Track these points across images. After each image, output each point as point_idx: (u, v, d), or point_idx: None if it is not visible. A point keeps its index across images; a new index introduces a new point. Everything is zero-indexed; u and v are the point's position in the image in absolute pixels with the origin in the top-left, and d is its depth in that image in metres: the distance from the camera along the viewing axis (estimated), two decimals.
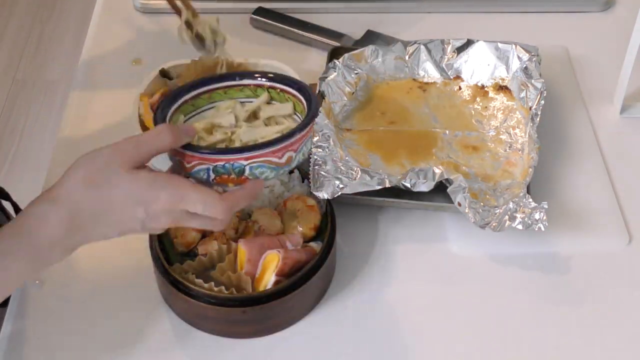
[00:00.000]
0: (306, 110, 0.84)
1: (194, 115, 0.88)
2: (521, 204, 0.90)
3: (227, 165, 0.78)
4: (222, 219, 0.77)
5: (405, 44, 1.11)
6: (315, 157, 0.95)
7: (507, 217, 0.90)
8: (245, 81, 0.89)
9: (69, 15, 2.78)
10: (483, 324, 0.90)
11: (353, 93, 1.07)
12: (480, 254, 0.96)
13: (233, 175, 0.79)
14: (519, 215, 0.90)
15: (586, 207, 1.00)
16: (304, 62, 1.16)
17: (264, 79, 0.89)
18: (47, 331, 0.88)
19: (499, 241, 0.95)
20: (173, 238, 0.90)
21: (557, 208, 0.98)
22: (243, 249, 0.87)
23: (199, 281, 0.85)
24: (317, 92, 1.05)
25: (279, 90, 0.89)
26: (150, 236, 0.89)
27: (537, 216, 0.89)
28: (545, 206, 0.90)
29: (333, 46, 1.18)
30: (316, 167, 0.94)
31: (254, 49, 1.22)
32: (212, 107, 0.89)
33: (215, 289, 0.84)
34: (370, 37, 1.21)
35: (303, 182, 0.96)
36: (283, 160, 0.80)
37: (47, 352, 0.87)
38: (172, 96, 0.87)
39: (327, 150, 0.96)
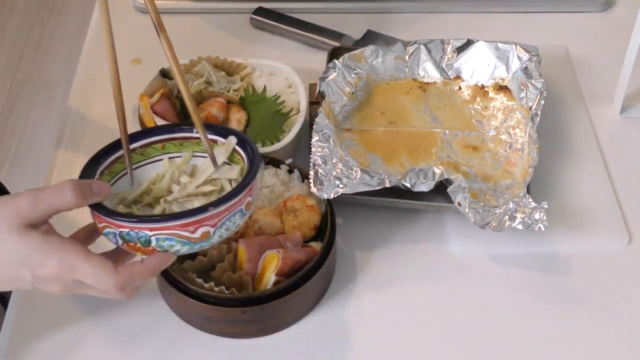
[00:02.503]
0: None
1: (143, 166, 0.83)
2: (521, 204, 0.90)
3: (132, 233, 0.73)
4: (115, 294, 0.73)
5: (405, 44, 1.11)
6: (315, 157, 0.95)
7: (507, 217, 0.90)
8: (208, 135, 0.84)
9: (69, 15, 2.78)
10: (483, 323, 0.90)
11: (353, 93, 1.07)
12: (480, 254, 0.96)
13: (139, 245, 0.73)
14: (519, 215, 0.90)
15: (586, 207, 1.00)
16: (304, 62, 1.16)
17: (218, 136, 0.83)
18: (47, 331, 0.88)
19: (499, 241, 0.95)
20: None
21: (557, 208, 0.98)
22: (243, 249, 0.87)
23: (199, 281, 0.85)
24: (317, 92, 1.05)
25: (236, 154, 0.83)
26: None
27: (537, 216, 0.89)
28: (545, 206, 0.90)
29: (333, 46, 1.18)
30: (316, 167, 0.94)
31: (254, 49, 1.22)
32: (160, 160, 0.84)
33: (216, 289, 0.84)
34: (370, 37, 1.21)
35: (303, 182, 0.96)
36: (196, 235, 0.73)
37: (47, 352, 0.87)
38: (117, 143, 0.82)
39: (327, 150, 0.96)
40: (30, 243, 0.71)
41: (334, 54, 1.12)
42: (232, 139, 0.83)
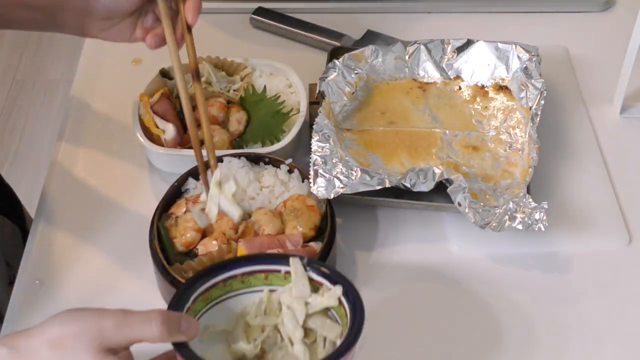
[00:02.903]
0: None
1: (240, 295, 0.77)
2: (521, 204, 0.90)
3: None
4: None
5: (405, 44, 1.11)
6: (315, 157, 0.95)
7: (507, 217, 0.90)
8: (314, 275, 0.75)
9: None
10: (483, 324, 0.90)
11: (353, 93, 1.07)
12: (480, 254, 0.96)
13: None
14: (519, 215, 0.90)
15: (586, 207, 1.00)
16: (304, 62, 1.16)
17: (336, 287, 0.74)
18: None
19: (499, 241, 0.95)
20: (173, 238, 0.90)
21: (557, 208, 0.98)
22: (243, 249, 0.87)
23: None
24: (317, 92, 1.05)
25: (342, 306, 0.74)
26: (150, 235, 0.89)
27: (537, 216, 0.89)
28: (545, 206, 0.90)
29: (333, 46, 1.18)
30: (316, 167, 0.94)
31: (254, 49, 1.22)
32: (261, 291, 0.77)
33: None
34: (370, 37, 1.21)
35: (303, 182, 0.96)
36: None
37: None
38: (224, 265, 0.76)
39: (327, 150, 0.96)
40: None
41: (334, 54, 1.12)
42: (338, 289, 0.74)
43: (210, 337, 0.75)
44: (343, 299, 0.74)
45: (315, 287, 0.76)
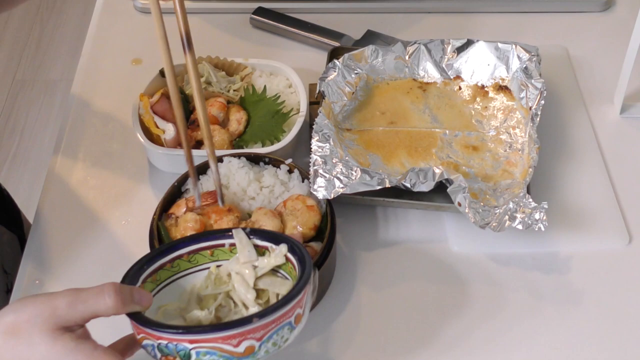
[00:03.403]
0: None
1: (190, 274, 0.79)
2: (521, 204, 0.90)
3: (170, 345, 0.68)
4: None
5: (405, 44, 1.11)
6: (315, 157, 0.95)
7: (507, 217, 0.90)
8: (258, 241, 0.79)
9: (69, 15, 2.78)
10: (482, 324, 0.90)
11: (353, 93, 1.07)
12: (480, 253, 0.96)
13: (178, 359, 0.69)
14: (519, 215, 0.90)
15: (586, 207, 1.00)
16: (304, 62, 1.16)
17: (281, 245, 0.78)
18: None
19: (499, 241, 0.95)
20: (173, 238, 0.90)
21: (557, 208, 0.98)
22: None
23: None
24: (317, 92, 1.05)
25: (289, 263, 0.77)
26: (150, 235, 0.89)
27: (537, 216, 0.89)
28: (545, 206, 0.90)
29: (333, 46, 1.18)
30: (316, 167, 0.94)
31: (254, 49, 1.22)
32: (208, 268, 0.79)
33: None
34: (370, 37, 1.21)
35: (303, 182, 0.96)
36: (240, 349, 0.68)
37: None
38: (169, 247, 0.79)
39: (327, 150, 0.96)
40: (62, 348, 0.66)
41: (334, 54, 1.12)
42: (283, 247, 0.78)
43: (164, 316, 0.76)
44: (290, 255, 0.77)
45: (261, 252, 0.79)
